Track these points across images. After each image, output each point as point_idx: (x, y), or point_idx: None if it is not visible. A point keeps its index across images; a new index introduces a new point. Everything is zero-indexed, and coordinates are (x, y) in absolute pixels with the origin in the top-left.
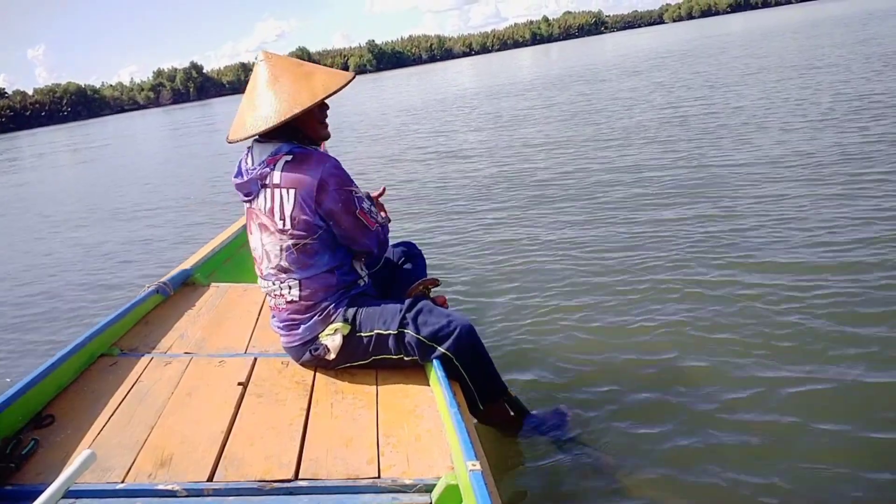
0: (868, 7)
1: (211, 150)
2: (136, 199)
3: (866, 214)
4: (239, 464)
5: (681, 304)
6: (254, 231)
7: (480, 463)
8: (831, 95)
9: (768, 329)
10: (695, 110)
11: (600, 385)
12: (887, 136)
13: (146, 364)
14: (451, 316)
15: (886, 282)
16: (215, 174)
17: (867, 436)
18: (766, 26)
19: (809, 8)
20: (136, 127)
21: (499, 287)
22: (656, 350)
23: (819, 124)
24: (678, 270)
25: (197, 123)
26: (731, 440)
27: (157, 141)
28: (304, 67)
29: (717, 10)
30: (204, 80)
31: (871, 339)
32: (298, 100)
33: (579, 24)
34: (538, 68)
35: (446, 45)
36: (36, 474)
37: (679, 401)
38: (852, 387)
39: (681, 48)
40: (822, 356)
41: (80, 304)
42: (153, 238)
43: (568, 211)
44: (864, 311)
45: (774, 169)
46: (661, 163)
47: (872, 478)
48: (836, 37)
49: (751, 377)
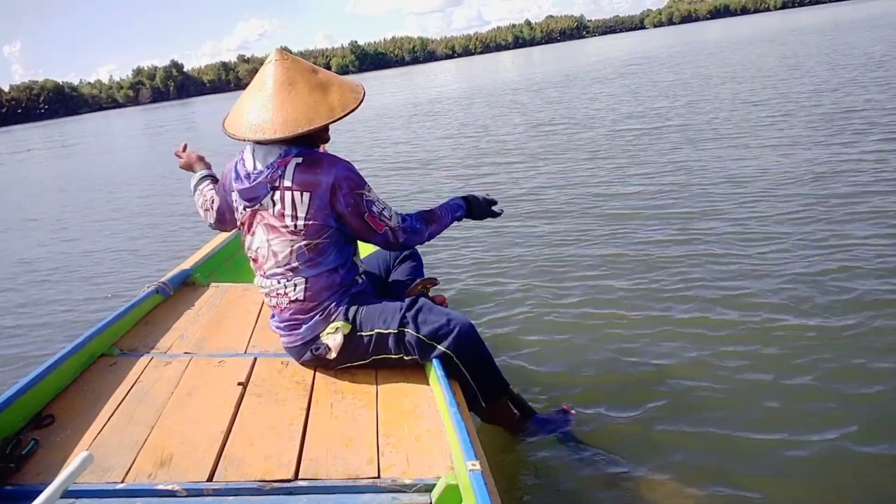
0: (836, 17)
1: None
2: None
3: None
4: (239, 464)
5: (687, 304)
6: (256, 231)
7: (480, 463)
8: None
9: (778, 333)
10: (670, 113)
11: (602, 384)
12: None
13: (146, 364)
14: (450, 314)
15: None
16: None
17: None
18: (742, 34)
19: (784, 16)
20: (115, 126)
21: (499, 288)
22: (662, 351)
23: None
24: (682, 268)
25: (179, 122)
26: (736, 441)
27: (139, 140)
28: (319, 76)
29: (696, 17)
30: (185, 78)
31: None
32: (317, 114)
33: (561, 28)
34: (519, 72)
35: (429, 48)
36: (36, 474)
37: (681, 402)
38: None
39: (658, 53)
40: (825, 353)
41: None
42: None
43: (568, 209)
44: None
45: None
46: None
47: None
48: (803, 47)
49: (759, 382)
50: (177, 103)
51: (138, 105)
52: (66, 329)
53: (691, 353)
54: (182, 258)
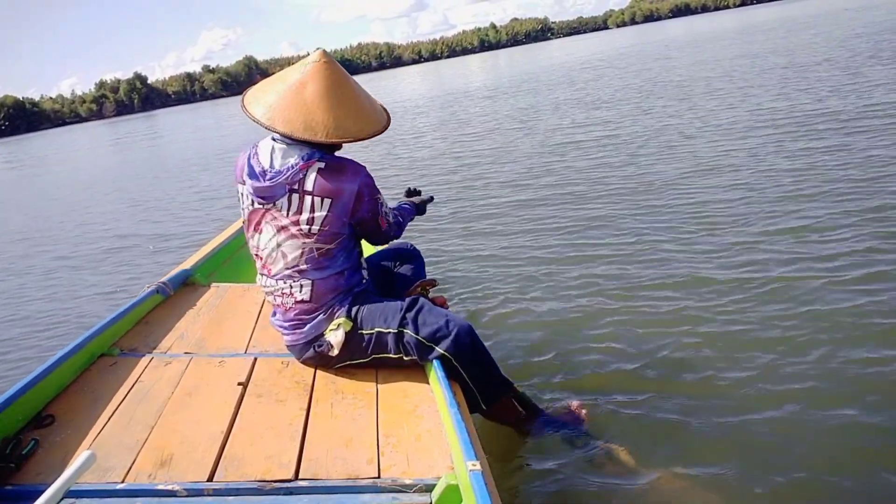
0: (790, 13)
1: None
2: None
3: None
4: (239, 464)
5: (688, 301)
6: (265, 230)
7: (480, 463)
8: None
9: (788, 324)
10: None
11: (604, 383)
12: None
13: (146, 364)
14: (449, 316)
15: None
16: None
17: None
18: (702, 31)
19: (741, 14)
20: (80, 141)
21: (498, 287)
22: (664, 347)
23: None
24: (685, 265)
25: (147, 135)
26: (740, 444)
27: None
28: (356, 87)
29: (659, 16)
30: (149, 91)
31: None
32: (369, 123)
33: (526, 30)
34: (488, 75)
35: (395, 53)
36: (36, 474)
37: (683, 402)
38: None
39: (618, 53)
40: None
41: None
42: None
43: (566, 207)
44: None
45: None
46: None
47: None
48: (753, 45)
49: (766, 378)
50: (141, 115)
51: (102, 119)
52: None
53: (699, 350)
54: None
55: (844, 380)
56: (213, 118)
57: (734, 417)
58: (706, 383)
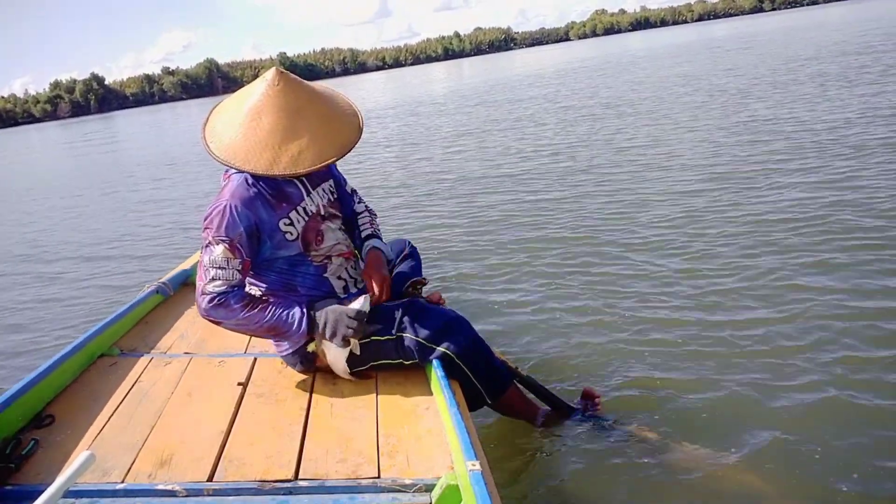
0: (748, 30)
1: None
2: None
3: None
4: (239, 464)
5: (687, 295)
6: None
7: (480, 463)
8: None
9: (796, 328)
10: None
11: (606, 383)
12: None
13: (146, 364)
14: (446, 314)
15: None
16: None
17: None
18: (658, 46)
19: (699, 28)
20: (33, 141)
21: (498, 285)
22: (665, 343)
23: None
24: (686, 261)
25: (105, 137)
26: (743, 445)
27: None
28: (317, 104)
29: (619, 29)
30: (106, 92)
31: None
32: (331, 148)
33: (490, 40)
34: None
35: (360, 59)
36: (36, 474)
37: (684, 402)
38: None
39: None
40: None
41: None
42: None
43: (566, 205)
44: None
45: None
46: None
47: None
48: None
49: (774, 385)
50: (98, 117)
51: (57, 119)
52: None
53: (698, 348)
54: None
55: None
56: (174, 120)
57: (747, 410)
58: (713, 377)
